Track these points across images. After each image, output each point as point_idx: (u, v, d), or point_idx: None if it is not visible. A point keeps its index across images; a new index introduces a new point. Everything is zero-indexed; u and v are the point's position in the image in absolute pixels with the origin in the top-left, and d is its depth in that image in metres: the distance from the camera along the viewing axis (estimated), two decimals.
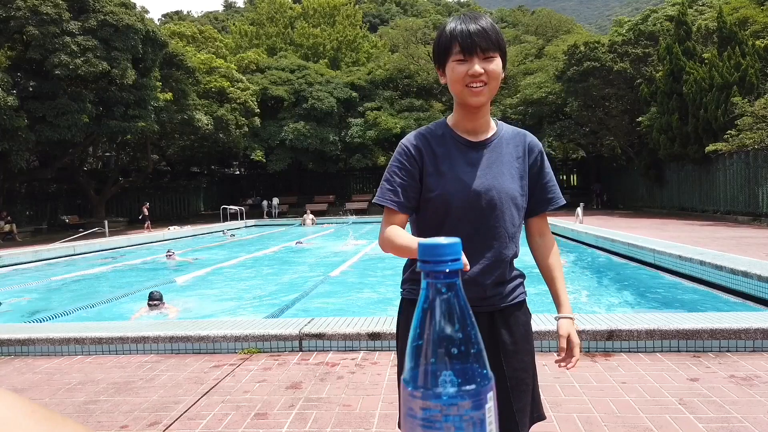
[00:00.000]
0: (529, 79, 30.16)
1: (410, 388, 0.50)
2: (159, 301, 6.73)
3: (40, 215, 26.82)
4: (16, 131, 17.99)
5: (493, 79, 1.50)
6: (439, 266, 0.52)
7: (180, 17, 73.38)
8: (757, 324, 4.05)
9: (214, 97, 27.77)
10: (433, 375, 0.49)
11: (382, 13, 73.73)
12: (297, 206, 32.77)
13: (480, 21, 1.50)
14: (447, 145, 1.60)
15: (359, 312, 6.42)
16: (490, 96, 1.53)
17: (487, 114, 1.61)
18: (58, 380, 3.94)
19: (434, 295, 0.52)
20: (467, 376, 0.49)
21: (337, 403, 3.30)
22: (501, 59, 1.51)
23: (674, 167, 22.47)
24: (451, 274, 0.52)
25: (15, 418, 0.33)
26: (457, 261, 0.52)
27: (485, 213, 1.55)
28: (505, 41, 1.54)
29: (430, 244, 0.53)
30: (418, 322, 0.52)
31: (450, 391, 0.48)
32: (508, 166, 1.60)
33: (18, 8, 17.96)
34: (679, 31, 20.81)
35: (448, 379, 0.49)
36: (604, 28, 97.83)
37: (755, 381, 3.42)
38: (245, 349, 4.39)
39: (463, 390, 0.48)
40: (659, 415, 2.97)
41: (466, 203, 1.55)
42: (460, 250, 0.53)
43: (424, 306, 0.52)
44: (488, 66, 1.48)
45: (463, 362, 0.50)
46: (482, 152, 1.60)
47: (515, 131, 1.67)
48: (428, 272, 0.52)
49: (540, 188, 1.67)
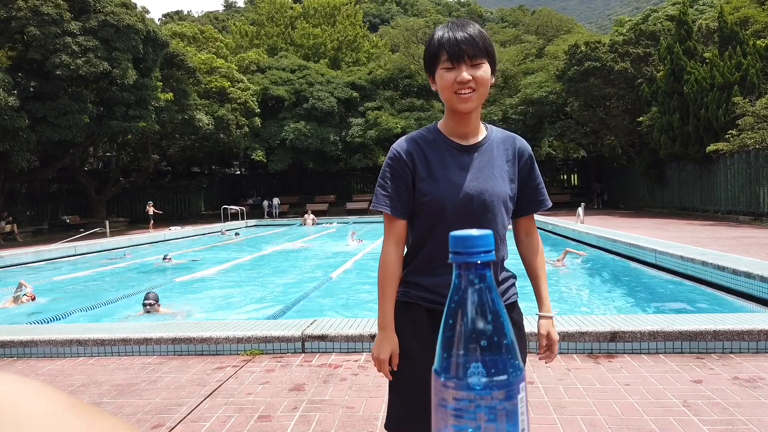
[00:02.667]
0: (529, 78, 30.16)
1: (443, 378, 0.50)
2: (154, 302, 6.70)
3: (41, 215, 26.83)
4: (17, 131, 17.99)
5: (482, 85, 1.52)
6: (472, 257, 0.52)
7: (180, 17, 73.45)
8: (760, 325, 4.05)
9: (215, 97, 27.78)
10: (465, 366, 0.49)
11: (382, 12, 73.73)
12: (298, 206, 32.78)
13: (467, 28, 1.52)
14: (439, 149, 1.62)
15: (362, 312, 6.43)
16: (479, 102, 1.55)
17: (477, 119, 1.63)
18: (61, 382, 3.93)
19: (466, 286, 0.52)
20: (499, 367, 0.49)
21: (340, 405, 3.30)
22: (489, 65, 1.53)
23: (675, 167, 22.46)
24: (483, 265, 0.52)
25: (56, 411, 0.34)
26: (489, 252, 0.52)
27: (478, 216, 1.58)
28: (493, 47, 1.55)
29: (463, 236, 0.52)
30: (450, 313, 0.52)
31: (482, 382, 0.49)
32: (499, 169, 1.63)
33: (19, 8, 17.97)
34: (680, 31, 20.80)
35: (479, 370, 0.49)
36: (604, 28, 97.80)
37: (759, 383, 3.41)
38: (248, 351, 4.38)
39: (495, 380, 0.49)
40: (663, 417, 2.96)
41: (459, 206, 1.58)
42: (492, 242, 0.53)
43: (455, 297, 0.52)
44: (476, 72, 1.50)
45: (494, 353, 0.50)
46: (473, 156, 1.62)
47: (505, 135, 1.69)
48: (460, 263, 0.52)
49: (530, 190, 1.70)
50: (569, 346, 4.10)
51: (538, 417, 3.02)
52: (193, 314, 7.02)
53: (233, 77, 28.78)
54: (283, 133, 30.57)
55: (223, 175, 40.27)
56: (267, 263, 12.10)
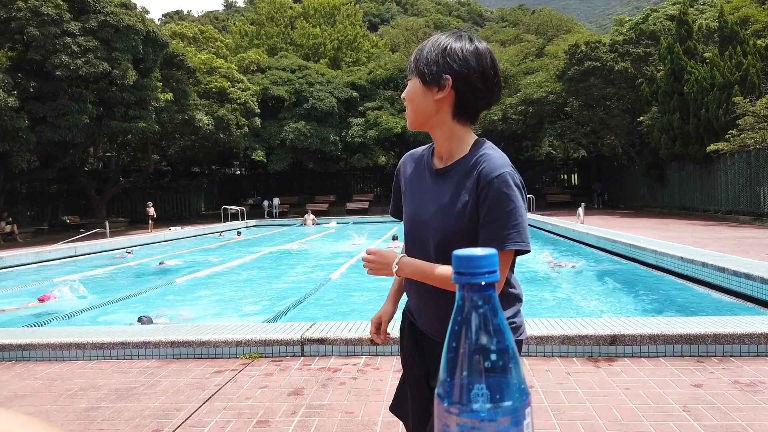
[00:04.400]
0: (529, 78, 30.14)
1: (446, 404, 0.48)
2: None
3: (41, 216, 26.83)
4: (17, 132, 18.00)
5: (409, 102, 1.50)
6: (475, 278, 0.50)
7: (180, 17, 73.46)
8: (761, 328, 4.03)
9: (215, 97, 27.78)
10: (469, 390, 0.48)
11: (382, 12, 73.73)
12: (298, 206, 32.79)
13: (425, 46, 1.49)
14: (420, 169, 1.61)
15: (361, 315, 6.41)
16: (415, 119, 1.51)
17: (447, 139, 1.50)
18: (59, 386, 3.92)
19: (470, 308, 0.50)
20: (504, 392, 0.48)
21: (339, 410, 3.28)
22: (420, 81, 1.46)
23: (675, 167, 22.45)
24: (488, 286, 0.51)
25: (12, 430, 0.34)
26: (493, 273, 0.51)
27: (428, 243, 1.51)
28: (430, 63, 1.44)
29: (466, 256, 0.51)
30: (453, 335, 0.50)
31: (487, 408, 0.47)
32: (455, 198, 1.46)
33: (19, 9, 17.97)
34: (680, 31, 20.79)
35: (484, 395, 0.48)
36: (605, 27, 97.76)
37: (759, 387, 3.40)
38: (247, 355, 4.37)
39: (501, 406, 0.47)
40: (663, 422, 2.95)
41: (415, 231, 1.58)
42: (496, 262, 0.51)
43: (459, 318, 0.51)
44: (406, 90, 1.52)
45: (499, 378, 0.48)
46: (438, 180, 1.52)
47: (477, 160, 1.45)
48: (463, 284, 0.51)
49: (484, 227, 1.41)
50: (569, 350, 4.09)
51: (537, 422, 3.01)
52: (194, 317, 7.01)
53: (233, 77, 28.77)
54: (283, 133, 30.57)
55: (223, 175, 40.28)
56: (266, 264, 12.09)
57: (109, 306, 7.72)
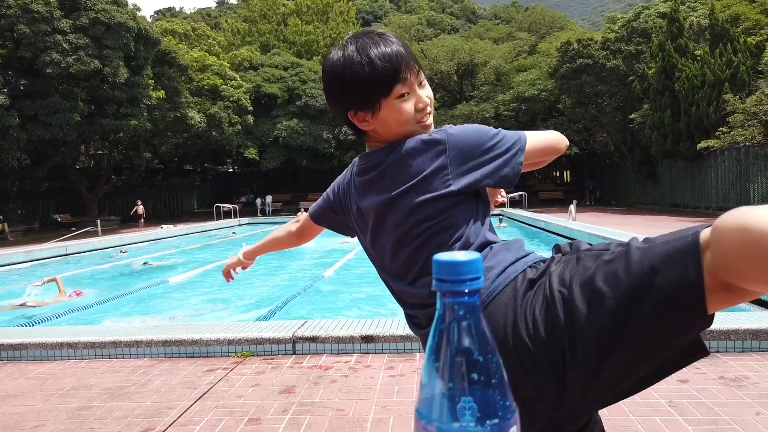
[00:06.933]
0: (522, 75, 30.22)
1: (424, 421, 0.45)
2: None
3: (32, 214, 26.69)
4: (8, 130, 17.89)
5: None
6: (458, 286, 0.46)
7: (172, 14, 73.09)
8: (746, 324, 4.09)
9: (207, 94, 27.69)
10: (450, 407, 0.45)
11: (375, 9, 73.59)
12: (291, 204, 32.77)
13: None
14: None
15: (353, 313, 6.44)
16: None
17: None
18: (51, 385, 3.93)
19: (452, 319, 0.46)
20: (489, 408, 0.44)
21: (330, 408, 3.31)
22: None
23: (666, 164, 22.60)
24: (471, 293, 0.47)
25: None
26: (477, 280, 0.47)
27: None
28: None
29: (447, 261, 0.47)
30: (434, 347, 0.47)
31: (470, 426, 0.44)
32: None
33: (9, 6, 17.84)
34: (672, 28, 20.91)
35: (467, 413, 0.44)
36: (597, 25, 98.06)
37: (744, 382, 3.45)
38: (238, 353, 4.39)
39: (486, 424, 0.44)
40: (649, 417, 2.99)
41: None
42: (480, 268, 0.47)
43: (441, 328, 0.47)
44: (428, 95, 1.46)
45: (483, 393, 0.45)
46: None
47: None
48: (445, 292, 0.47)
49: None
50: None
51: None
52: (185, 315, 7.02)
53: (226, 75, 28.68)
54: (276, 131, 30.51)
55: (215, 173, 40.16)
56: (258, 262, 12.03)
57: (101, 305, 7.72)
